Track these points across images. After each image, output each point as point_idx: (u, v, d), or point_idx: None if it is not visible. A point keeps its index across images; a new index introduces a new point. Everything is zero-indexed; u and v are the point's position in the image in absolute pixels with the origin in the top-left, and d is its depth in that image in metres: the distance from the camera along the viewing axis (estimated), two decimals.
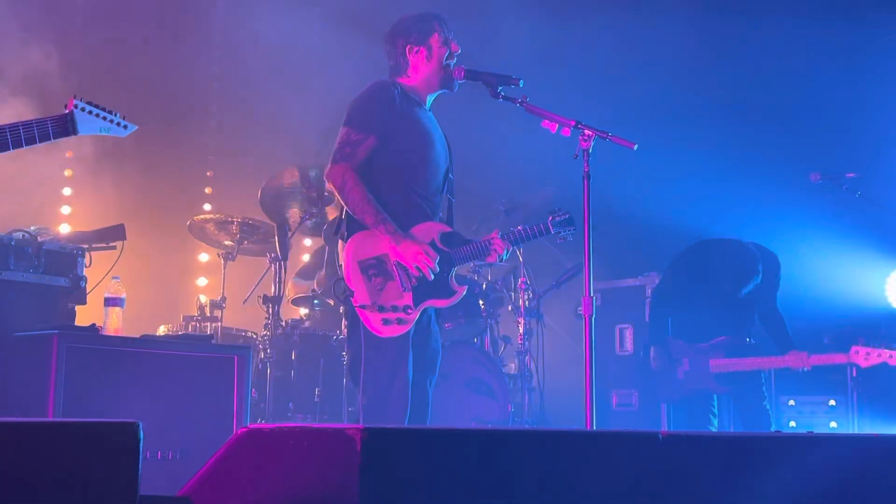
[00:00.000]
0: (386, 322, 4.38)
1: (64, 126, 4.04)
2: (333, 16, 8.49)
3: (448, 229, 4.62)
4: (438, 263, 4.46)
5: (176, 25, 7.87)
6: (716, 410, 6.14)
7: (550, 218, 4.63)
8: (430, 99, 4.75)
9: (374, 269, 4.42)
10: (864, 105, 7.71)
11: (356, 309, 4.42)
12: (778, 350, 6.02)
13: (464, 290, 4.57)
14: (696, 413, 6.12)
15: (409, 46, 4.66)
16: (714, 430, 6.07)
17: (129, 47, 7.64)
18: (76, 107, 4.05)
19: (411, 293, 4.42)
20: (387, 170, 4.52)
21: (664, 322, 6.21)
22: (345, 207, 4.51)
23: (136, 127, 4.28)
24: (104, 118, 4.14)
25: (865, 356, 5.85)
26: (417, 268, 4.39)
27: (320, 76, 8.82)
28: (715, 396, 6.12)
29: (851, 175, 6.18)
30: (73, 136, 4.10)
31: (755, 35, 8.02)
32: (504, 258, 4.65)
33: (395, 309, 4.40)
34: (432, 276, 4.42)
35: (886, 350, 5.83)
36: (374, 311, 4.39)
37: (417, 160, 4.57)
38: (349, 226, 4.53)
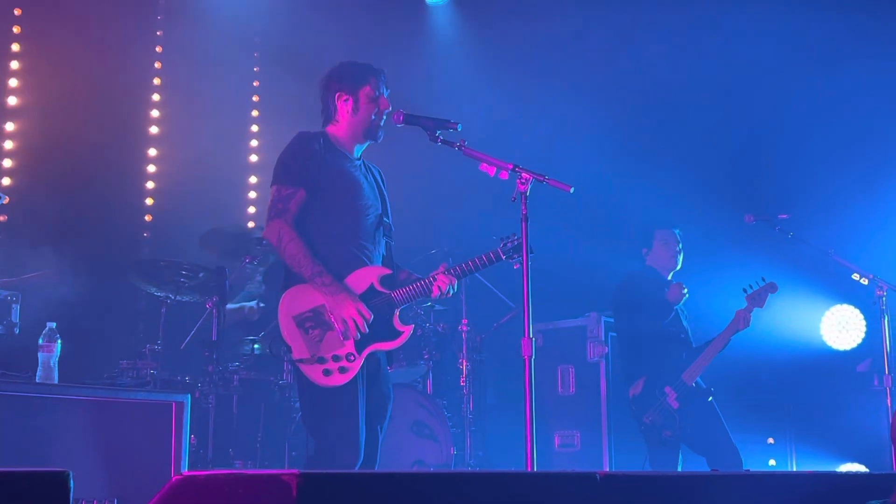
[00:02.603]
0: (326, 373, 4.37)
1: None
2: (272, 61, 8.51)
3: (388, 272, 4.62)
4: (380, 306, 4.48)
5: (115, 65, 7.81)
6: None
7: (501, 244, 4.57)
8: (358, 148, 4.76)
9: (311, 321, 4.43)
10: (796, 146, 7.87)
11: (296, 363, 4.42)
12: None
13: (410, 330, 4.56)
14: (668, 453, 6.16)
15: (339, 94, 4.70)
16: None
17: (67, 87, 7.57)
18: None
19: (353, 339, 4.42)
20: (319, 220, 4.55)
21: (647, 349, 6.26)
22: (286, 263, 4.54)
23: (7, 198, 4.35)
24: None
25: (760, 298, 6.12)
26: (346, 324, 4.39)
27: (261, 120, 8.81)
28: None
29: (784, 216, 6.30)
30: None
31: (690, 76, 8.17)
32: (450, 293, 4.59)
33: (336, 358, 4.39)
34: (359, 336, 4.41)
35: (765, 286, 6.10)
36: (313, 364, 4.38)
37: (347, 209, 4.59)
38: (288, 279, 4.55)
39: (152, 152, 8.26)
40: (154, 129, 8.28)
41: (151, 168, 8.24)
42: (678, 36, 8.15)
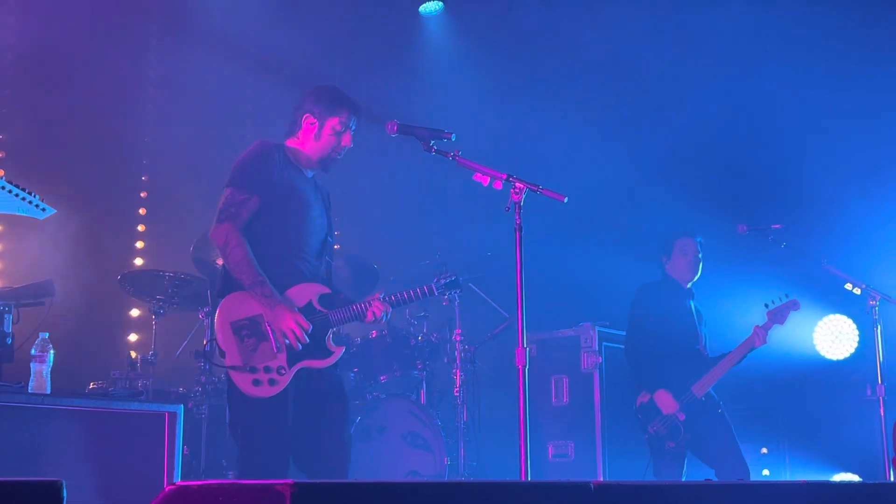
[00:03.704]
0: (256, 383, 4.40)
1: None
2: (266, 71, 8.51)
3: (327, 290, 4.67)
4: (316, 324, 4.50)
5: (108, 75, 7.81)
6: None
7: (435, 279, 4.80)
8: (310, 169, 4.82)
9: (247, 329, 4.45)
10: (789, 156, 7.89)
11: (227, 370, 4.44)
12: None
13: (340, 352, 4.62)
14: (672, 464, 6.15)
15: (307, 115, 4.73)
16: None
17: (60, 101, 7.57)
18: None
19: (286, 353, 4.45)
20: (267, 231, 4.58)
21: (654, 366, 6.25)
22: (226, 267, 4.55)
23: (55, 210, 4.38)
24: (23, 199, 4.23)
25: (782, 315, 6.15)
26: (285, 335, 4.42)
27: (254, 129, 8.81)
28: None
29: (777, 226, 6.32)
30: None
31: (684, 84, 8.19)
32: (383, 320, 4.67)
33: (267, 370, 4.42)
34: (300, 347, 4.44)
35: (788, 302, 6.14)
36: (244, 373, 4.40)
37: (296, 223, 4.63)
38: (226, 285, 4.55)
39: (146, 161, 8.25)
40: (147, 138, 8.28)
41: (145, 177, 8.23)
42: (673, 46, 8.17)
